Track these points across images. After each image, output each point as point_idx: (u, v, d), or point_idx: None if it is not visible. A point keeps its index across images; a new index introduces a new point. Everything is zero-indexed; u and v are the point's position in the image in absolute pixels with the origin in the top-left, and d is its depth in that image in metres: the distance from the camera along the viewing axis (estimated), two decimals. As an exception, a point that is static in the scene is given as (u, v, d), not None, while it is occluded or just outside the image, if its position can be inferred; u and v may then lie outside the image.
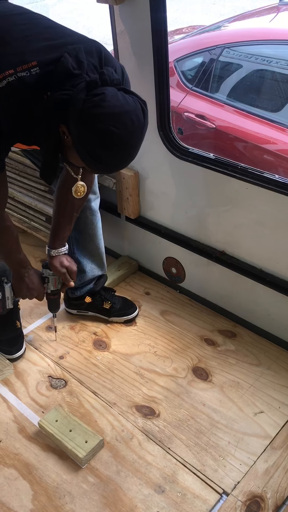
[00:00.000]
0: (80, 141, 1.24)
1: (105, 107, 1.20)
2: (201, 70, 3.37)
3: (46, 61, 1.26)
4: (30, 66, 1.25)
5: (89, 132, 1.21)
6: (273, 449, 1.70)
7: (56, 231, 1.83)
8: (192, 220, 2.13)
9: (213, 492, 1.57)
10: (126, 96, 1.24)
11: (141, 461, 1.66)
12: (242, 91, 3.26)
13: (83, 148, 1.25)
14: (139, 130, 1.27)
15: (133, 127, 1.24)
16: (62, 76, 1.25)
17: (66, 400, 1.87)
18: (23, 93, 1.26)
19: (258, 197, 1.85)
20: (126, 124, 1.22)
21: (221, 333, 2.15)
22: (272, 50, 3.21)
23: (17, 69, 1.24)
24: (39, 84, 1.26)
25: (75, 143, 1.27)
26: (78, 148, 1.27)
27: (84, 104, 1.20)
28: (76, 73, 1.25)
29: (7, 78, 1.24)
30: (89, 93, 1.21)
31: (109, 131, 1.20)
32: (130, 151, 1.29)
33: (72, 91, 1.22)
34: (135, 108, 1.24)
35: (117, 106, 1.21)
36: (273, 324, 2.07)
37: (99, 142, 1.22)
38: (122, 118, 1.22)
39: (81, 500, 1.56)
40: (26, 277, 1.80)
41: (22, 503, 1.56)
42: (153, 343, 2.10)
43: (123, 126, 1.22)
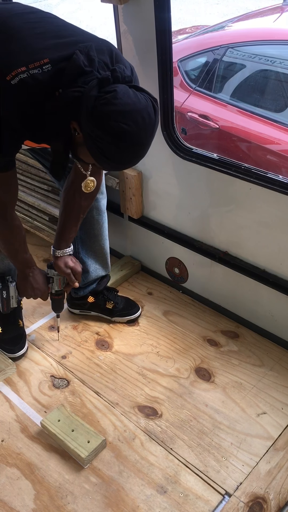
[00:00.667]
0: (91, 138, 1.24)
1: (117, 104, 1.20)
2: (204, 70, 3.37)
3: (58, 58, 1.27)
4: (42, 63, 1.26)
5: (100, 129, 1.21)
6: (275, 450, 1.69)
7: (62, 232, 1.83)
8: (195, 220, 2.12)
9: (216, 493, 1.57)
10: (137, 94, 1.24)
11: (143, 461, 1.66)
12: (245, 91, 3.26)
13: (94, 145, 1.25)
14: (150, 128, 1.27)
15: (144, 125, 1.24)
16: (73, 73, 1.25)
17: (68, 400, 1.87)
18: (35, 90, 1.27)
19: (261, 197, 1.84)
20: (137, 121, 1.22)
21: (224, 334, 2.15)
22: (275, 50, 3.21)
23: (29, 66, 1.25)
24: (51, 81, 1.27)
25: (86, 140, 1.27)
26: (89, 144, 1.27)
27: (95, 101, 1.21)
28: (87, 70, 1.25)
29: (19, 75, 1.24)
30: (101, 90, 1.21)
31: (120, 129, 1.21)
32: (140, 148, 1.29)
33: (83, 88, 1.23)
34: (146, 105, 1.24)
35: (128, 104, 1.21)
36: (276, 325, 2.06)
37: (110, 139, 1.22)
38: (134, 116, 1.22)
39: (83, 500, 1.56)
40: (31, 276, 1.81)
41: (24, 502, 1.56)
42: (156, 343, 2.10)
43: (135, 124, 1.22)
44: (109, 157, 1.26)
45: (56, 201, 2.38)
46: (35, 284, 1.82)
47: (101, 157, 1.27)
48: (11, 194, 1.56)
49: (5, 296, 1.89)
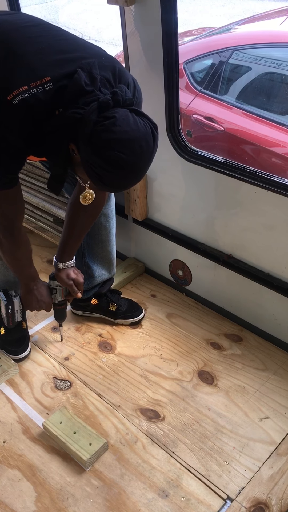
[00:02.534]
0: (88, 162, 1.24)
1: (115, 132, 1.19)
2: (210, 72, 3.36)
3: (59, 76, 1.27)
4: (44, 81, 1.25)
5: (98, 156, 1.21)
6: (278, 455, 1.68)
7: (65, 245, 1.83)
8: (200, 223, 2.12)
9: (217, 497, 1.56)
10: (137, 120, 1.23)
11: (145, 464, 1.65)
12: (251, 94, 3.25)
13: (90, 169, 1.25)
14: (147, 156, 1.26)
15: (141, 153, 1.24)
16: (75, 92, 1.25)
17: (70, 401, 1.86)
18: (37, 109, 1.27)
19: (266, 200, 1.83)
20: (135, 150, 1.22)
21: (227, 337, 2.14)
22: (282, 53, 3.20)
23: (30, 85, 1.25)
24: (52, 99, 1.27)
25: (83, 162, 1.27)
26: (86, 167, 1.27)
27: (94, 127, 1.20)
28: (88, 90, 1.24)
29: (20, 94, 1.24)
30: (100, 114, 1.20)
31: (117, 158, 1.20)
32: (136, 175, 1.29)
33: (84, 109, 1.22)
34: (145, 133, 1.23)
35: (127, 132, 1.20)
36: (279, 328, 2.05)
37: (106, 167, 1.22)
38: (132, 144, 1.21)
39: (84, 503, 1.55)
40: (35, 289, 1.82)
41: (26, 504, 1.55)
42: (159, 345, 2.10)
43: (132, 153, 1.21)
44: (105, 182, 1.27)
45: (61, 202, 2.38)
46: (39, 296, 1.83)
47: (97, 181, 1.27)
48: (17, 210, 1.56)
49: (10, 311, 1.91)
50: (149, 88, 1.93)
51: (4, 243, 1.63)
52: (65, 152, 1.32)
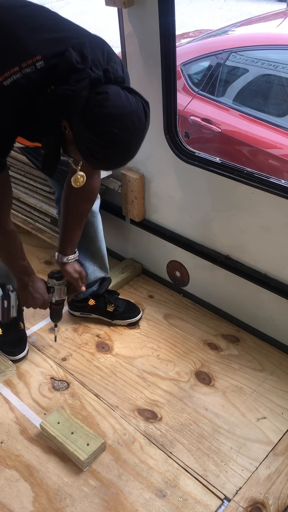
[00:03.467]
0: (81, 138, 1.24)
1: (108, 107, 1.19)
2: (207, 74, 3.38)
3: (50, 55, 1.25)
4: (35, 60, 1.24)
5: (90, 131, 1.21)
6: (275, 455, 1.69)
7: (67, 238, 1.81)
8: (197, 224, 2.12)
9: (215, 497, 1.57)
10: (129, 96, 1.23)
11: (142, 465, 1.66)
12: (248, 96, 3.26)
13: (83, 145, 1.25)
14: (139, 132, 1.26)
15: (134, 129, 1.23)
16: (66, 70, 1.23)
17: (68, 402, 1.86)
18: (29, 89, 1.25)
19: (264, 202, 1.84)
20: (127, 125, 1.22)
21: (225, 338, 2.14)
22: (278, 55, 3.22)
23: (22, 65, 1.23)
24: (44, 78, 1.25)
25: (75, 139, 1.26)
26: (78, 144, 1.26)
27: (86, 103, 1.19)
28: (80, 68, 1.23)
29: (12, 76, 1.23)
30: (92, 90, 1.20)
31: (110, 132, 1.20)
32: (129, 151, 1.29)
33: (75, 86, 1.21)
34: (137, 109, 1.23)
35: (119, 107, 1.21)
36: (277, 329, 2.06)
37: (99, 142, 1.21)
38: (124, 120, 1.21)
39: (82, 503, 1.55)
40: (30, 286, 1.78)
41: (23, 505, 1.55)
42: (156, 346, 2.10)
43: (125, 128, 1.21)
44: (97, 158, 1.26)
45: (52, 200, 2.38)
46: (35, 293, 1.79)
47: (89, 157, 1.26)
48: (4, 198, 1.54)
49: (6, 306, 1.86)
50: (147, 90, 1.94)
51: None
52: (57, 129, 1.30)
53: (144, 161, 2.16)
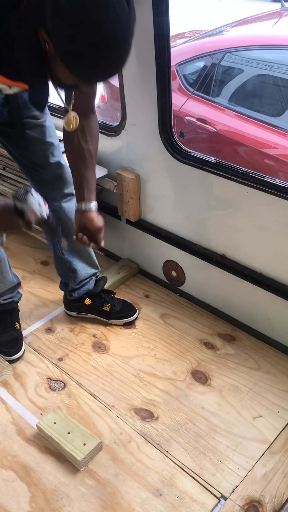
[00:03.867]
0: (61, 43, 1.10)
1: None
2: (202, 74, 3.38)
3: None
4: None
5: (71, 30, 1.06)
6: (271, 454, 1.69)
7: (80, 183, 1.69)
8: (193, 224, 2.13)
9: (211, 496, 1.57)
10: None
11: (139, 464, 1.66)
12: (243, 96, 3.27)
13: (65, 51, 1.11)
14: (124, 20, 1.10)
15: (116, 17, 1.08)
16: None
17: (64, 402, 1.86)
18: None
19: (258, 201, 1.85)
20: (108, 13, 1.07)
21: (221, 337, 2.15)
22: (273, 55, 3.23)
23: None
24: None
25: (56, 47, 1.11)
26: (61, 52, 1.12)
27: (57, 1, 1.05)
28: None
29: None
30: None
31: (91, 23, 1.06)
32: (117, 45, 1.12)
33: None
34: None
35: None
36: (272, 328, 2.07)
37: (83, 39, 1.07)
38: (102, 6, 1.06)
39: (78, 503, 1.55)
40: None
41: (20, 505, 1.55)
42: (153, 346, 2.10)
43: (105, 15, 1.06)
44: (84, 61, 1.11)
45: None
46: None
47: (76, 63, 1.13)
48: None
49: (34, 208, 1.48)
50: (142, 90, 1.95)
51: None
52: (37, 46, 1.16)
53: (139, 161, 2.16)
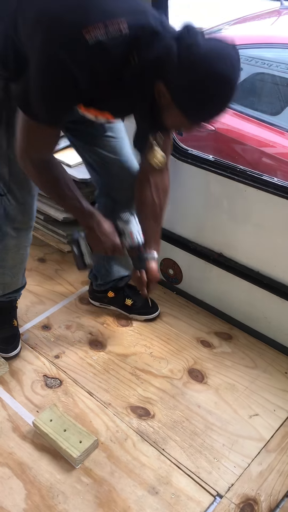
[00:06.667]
0: (182, 90, 1.23)
1: (203, 47, 1.21)
2: (201, 72, 3.37)
3: (133, 22, 1.25)
4: (120, 22, 1.23)
5: (192, 74, 1.21)
6: (267, 452, 1.69)
7: (155, 236, 1.79)
8: (190, 222, 2.12)
9: (207, 494, 1.57)
10: (216, 39, 1.25)
11: (135, 462, 1.66)
12: (242, 94, 3.26)
13: (185, 96, 1.24)
14: (237, 67, 1.26)
15: (232, 64, 1.23)
16: (148, 35, 1.25)
17: (61, 399, 1.86)
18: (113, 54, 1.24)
19: (256, 199, 1.85)
20: (225, 60, 1.22)
21: (218, 335, 2.15)
22: (272, 54, 3.22)
23: (107, 23, 1.22)
24: (128, 44, 1.24)
25: (175, 94, 1.25)
26: (179, 97, 1.25)
27: (181, 52, 1.21)
28: (161, 33, 1.25)
29: (97, 34, 1.21)
30: (181, 43, 1.22)
31: (212, 71, 1.21)
32: (233, 90, 1.26)
33: (162, 47, 1.22)
34: (227, 46, 1.25)
35: (212, 48, 1.22)
36: (269, 326, 2.07)
37: (204, 84, 1.22)
38: (221, 56, 1.22)
39: (74, 500, 1.55)
40: (95, 228, 1.66)
41: (15, 502, 1.55)
42: (149, 344, 2.10)
43: (223, 63, 1.22)
44: (202, 102, 1.25)
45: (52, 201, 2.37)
46: (101, 236, 1.67)
47: (194, 107, 1.26)
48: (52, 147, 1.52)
49: (77, 253, 1.75)
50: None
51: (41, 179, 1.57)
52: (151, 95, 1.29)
53: (137, 159, 2.16)
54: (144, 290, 1.85)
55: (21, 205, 1.76)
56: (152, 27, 1.25)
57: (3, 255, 1.87)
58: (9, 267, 1.91)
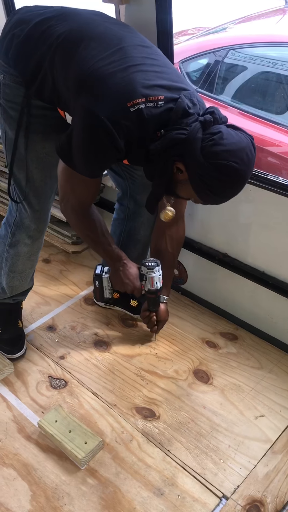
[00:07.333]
0: (199, 176, 1.35)
1: (225, 144, 1.31)
2: (206, 71, 3.37)
3: (169, 98, 1.37)
4: (158, 99, 1.36)
5: (211, 168, 1.32)
6: (273, 453, 1.68)
7: (167, 281, 1.96)
8: (195, 222, 2.12)
9: (213, 495, 1.56)
10: (237, 133, 1.35)
11: (140, 463, 1.65)
12: (247, 93, 3.25)
13: (202, 182, 1.36)
14: (252, 163, 1.37)
15: (248, 161, 1.35)
16: (179, 114, 1.37)
17: (66, 400, 1.86)
18: (147, 123, 1.36)
19: (261, 199, 1.84)
20: (243, 159, 1.33)
21: (223, 336, 2.14)
22: (277, 52, 3.21)
23: (148, 99, 1.34)
24: (160, 119, 1.37)
25: (193, 178, 1.38)
26: (196, 182, 1.37)
27: (203, 142, 1.32)
28: (190, 112, 1.38)
29: (139, 104, 1.34)
30: (205, 131, 1.33)
31: (230, 166, 1.31)
32: (243, 182, 1.39)
33: (187, 130, 1.35)
34: (248, 143, 1.35)
35: (234, 143, 1.33)
36: (275, 327, 2.06)
37: (219, 177, 1.33)
38: (240, 154, 1.32)
39: (79, 502, 1.55)
40: (121, 270, 1.86)
41: (21, 503, 1.55)
42: (154, 344, 2.10)
43: (241, 161, 1.32)
44: (214, 192, 1.38)
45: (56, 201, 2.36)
46: (125, 278, 1.86)
47: (207, 193, 1.38)
48: (89, 194, 1.63)
49: (98, 286, 1.94)
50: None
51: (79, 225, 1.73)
52: (170, 171, 1.42)
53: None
54: (154, 328, 2.03)
55: (36, 212, 1.78)
56: (182, 105, 1.36)
57: (15, 261, 1.88)
58: (18, 272, 1.91)
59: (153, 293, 1.91)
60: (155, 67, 1.42)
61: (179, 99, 1.37)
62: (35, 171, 1.68)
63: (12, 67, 1.52)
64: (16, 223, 1.81)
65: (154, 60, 1.44)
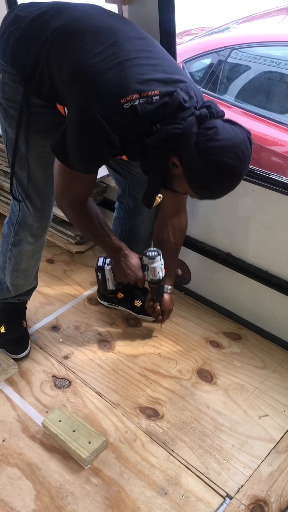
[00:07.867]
0: (194, 172, 1.33)
1: (220, 140, 1.29)
2: (209, 71, 3.37)
3: (164, 92, 1.35)
4: (153, 94, 1.34)
5: (205, 164, 1.30)
6: (277, 453, 1.68)
7: (168, 271, 1.91)
8: (198, 222, 2.12)
9: (217, 495, 1.56)
10: (233, 128, 1.32)
11: (144, 463, 1.65)
12: (250, 93, 3.25)
13: (196, 178, 1.34)
14: (248, 159, 1.35)
15: (244, 157, 1.32)
16: (174, 108, 1.34)
17: (70, 400, 1.86)
18: (142, 119, 1.34)
19: (265, 198, 1.84)
20: (238, 154, 1.30)
21: (226, 335, 2.14)
22: (281, 52, 3.21)
23: (142, 95, 1.32)
24: (155, 112, 1.35)
25: (187, 173, 1.35)
26: (191, 178, 1.35)
27: (198, 138, 1.29)
28: (186, 106, 1.34)
29: (133, 101, 1.32)
30: (201, 126, 1.30)
31: (224, 162, 1.29)
32: (238, 179, 1.37)
33: (182, 124, 1.32)
34: (243, 139, 1.32)
35: (229, 139, 1.30)
36: (279, 326, 2.05)
37: (213, 173, 1.31)
38: (235, 150, 1.30)
39: (83, 501, 1.55)
40: (122, 261, 1.82)
41: (25, 503, 1.56)
42: (158, 344, 2.10)
43: (236, 157, 1.30)
44: (209, 188, 1.36)
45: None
46: (126, 269, 1.82)
47: (201, 188, 1.36)
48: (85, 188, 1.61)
49: (100, 278, 1.92)
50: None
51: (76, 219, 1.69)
52: (166, 166, 1.40)
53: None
54: (159, 319, 2.01)
55: (38, 211, 1.78)
56: (178, 99, 1.33)
57: (18, 259, 1.89)
58: (22, 270, 1.92)
59: (156, 283, 1.88)
60: (151, 60, 1.39)
61: (175, 92, 1.34)
62: (36, 169, 1.68)
63: (10, 66, 1.52)
64: (18, 222, 1.82)
65: (149, 52, 1.41)
